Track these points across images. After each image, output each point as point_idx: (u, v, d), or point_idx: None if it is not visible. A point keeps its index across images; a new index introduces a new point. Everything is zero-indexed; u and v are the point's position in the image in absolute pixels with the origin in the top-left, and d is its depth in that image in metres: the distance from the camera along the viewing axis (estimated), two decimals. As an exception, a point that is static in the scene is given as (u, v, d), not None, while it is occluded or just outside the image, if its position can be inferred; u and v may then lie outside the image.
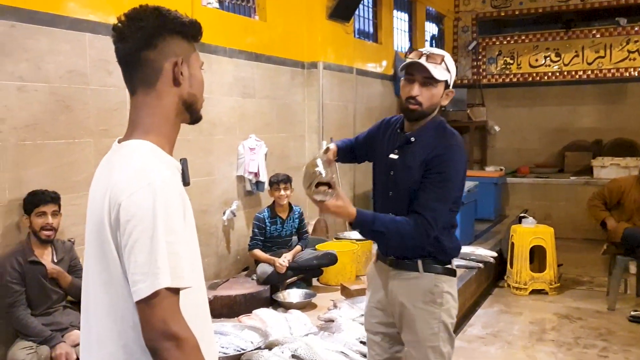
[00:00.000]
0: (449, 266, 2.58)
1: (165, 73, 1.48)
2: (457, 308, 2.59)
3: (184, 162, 1.53)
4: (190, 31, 1.53)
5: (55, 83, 3.86)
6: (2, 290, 3.47)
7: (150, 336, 1.31)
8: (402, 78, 2.51)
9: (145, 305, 1.31)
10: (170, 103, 1.50)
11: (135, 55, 1.48)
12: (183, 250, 1.36)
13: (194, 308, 1.44)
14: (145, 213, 1.32)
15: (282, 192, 5.19)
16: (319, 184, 2.26)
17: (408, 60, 2.43)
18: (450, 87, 2.50)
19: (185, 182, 1.52)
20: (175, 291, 1.33)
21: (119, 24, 1.49)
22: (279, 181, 5.21)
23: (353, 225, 2.40)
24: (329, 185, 2.26)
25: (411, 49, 2.52)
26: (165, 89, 1.49)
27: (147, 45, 1.47)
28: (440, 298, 2.50)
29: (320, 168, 2.28)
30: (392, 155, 2.55)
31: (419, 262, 2.52)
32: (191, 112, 1.57)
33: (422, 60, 2.40)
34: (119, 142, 1.51)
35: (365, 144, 2.82)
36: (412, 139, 2.49)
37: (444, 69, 2.42)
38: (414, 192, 2.42)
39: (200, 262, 1.54)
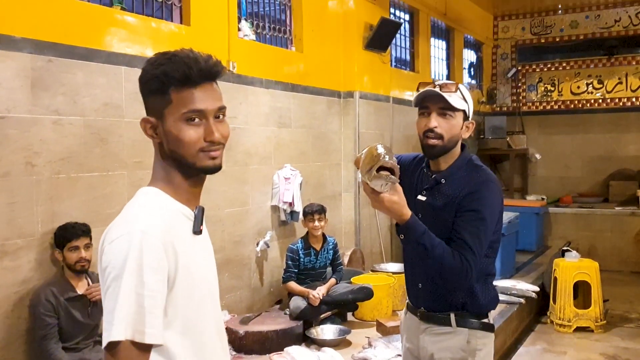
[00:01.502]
0: (485, 320, 2.33)
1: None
2: None
3: (198, 210, 1.44)
4: (160, 85, 1.40)
5: (90, 116, 3.88)
6: (36, 322, 3.45)
7: None
8: (418, 115, 2.33)
9: (108, 354, 1.30)
10: (163, 159, 1.48)
11: None
12: (152, 305, 1.31)
13: None
14: (118, 262, 1.31)
15: (317, 223, 5.11)
16: (380, 169, 1.98)
17: (420, 92, 2.26)
18: (470, 118, 2.31)
19: (195, 230, 1.44)
20: (141, 346, 1.29)
21: None
22: (313, 212, 5.14)
23: (401, 228, 2.13)
24: (391, 171, 1.99)
25: (422, 84, 2.27)
26: (155, 143, 1.49)
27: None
28: (472, 357, 2.27)
29: (383, 152, 2.01)
30: (420, 197, 2.36)
31: (452, 316, 2.29)
32: (185, 168, 1.45)
33: (437, 91, 2.24)
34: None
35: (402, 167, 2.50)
36: (443, 180, 2.30)
37: (460, 98, 2.25)
38: (443, 237, 2.17)
39: (212, 318, 1.50)
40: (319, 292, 4.89)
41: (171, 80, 1.40)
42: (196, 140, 1.42)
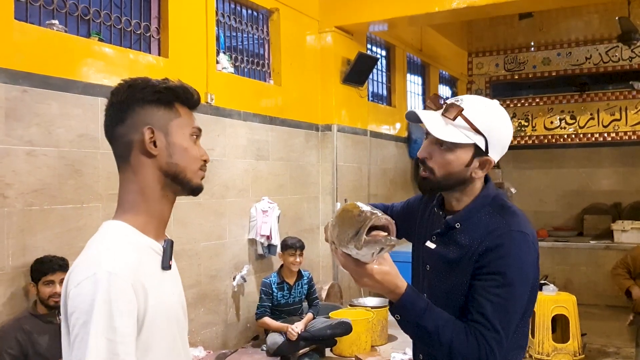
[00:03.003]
0: None
1: (136, 145, 1.38)
2: None
3: (167, 243, 1.37)
4: (167, 97, 1.40)
5: (65, 147, 3.82)
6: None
7: None
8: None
9: None
10: (147, 176, 1.39)
11: (110, 132, 1.42)
12: (124, 351, 1.23)
13: None
14: (85, 307, 1.23)
15: (297, 259, 5.06)
16: (371, 229, 1.48)
17: (410, 111, 1.77)
18: (489, 153, 1.72)
19: (164, 266, 1.38)
20: None
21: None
22: (296, 247, 5.08)
23: (395, 307, 1.63)
24: (384, 229, 1.50)
25: (434, 96, 1.73)
26: (139, 161, 1.38)
27: (117, 121, 1.39)
28: None
29: (369, 208, 1.53)
30: (429, 244, 1.83)
31: None
32: (180, 183, 1.42)
33: (428, 114, 1.73)
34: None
35: (402, 217, 2.03)
36: (457, 224, 1.76)
37: (467, 128, 1.68)
38: (455, 299, 1.71)
39: (183, 356, 1.44)
40: (296, 327, 4.81)
41: (178, 94, 1.41)
42: (198, 157, 1.44)
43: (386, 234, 1.50)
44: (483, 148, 1.70)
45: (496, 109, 1.74)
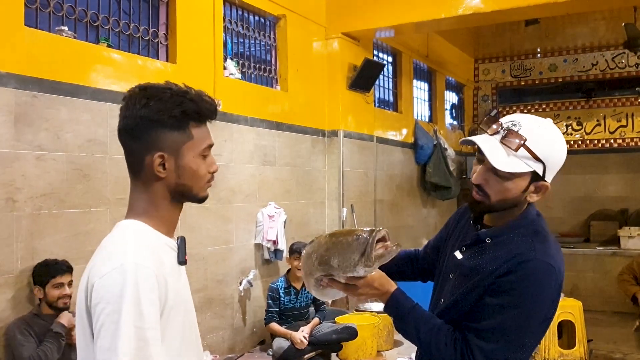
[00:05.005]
0: None
1: (147, 166, 1.42)
2: None
3: (180, 240, 1.44)
4: (182, 122, 1.42)
5: (73, 152, 3.86)
6: (15, 355, 3.33)
7: None
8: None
9: None
10: (157, 193, 1.44)
11: (124, 140, 1.45)
12: (153, 337, 1.28)
13: None
14: (113, 296, 1.27)
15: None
16: (378, 241, 1.59)
17: (466, 139, 1.73)
18: (547, 177, 1.68)
19: (180, 260, 1.44)
20: None
21: (122, 100, 1.44)
22: (299, 251, 5.10)
23: (385, 306, 1.74)
24: (383, 239, 1.61)
25: (490, 115, 1.61)
26: (150, 180, 1.43)
27: (130, 136, 1.42)
28: None
29: (359, 228, 1.63)
30: (457, 253, 1.79)
31: None
32: (188, 198, 1.48)
33: (486, 141, 1.66)
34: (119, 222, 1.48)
35: (436, 247, 2.01)
36: (488, 239, 1.72)
37: (527, 158, 1.62)
38: (462, 309, 1.70)
39: (197, 346, 1.48)
40: (303, 333, 4.83)
41: (193, 117, 1.43)
42: (206, 173, 1.48)
43: (388, 242, 1.58)
44: (541, 174, 1.66)
45: (553, 132, 1.69)
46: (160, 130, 1.40)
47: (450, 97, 10.58)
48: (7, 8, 3.53)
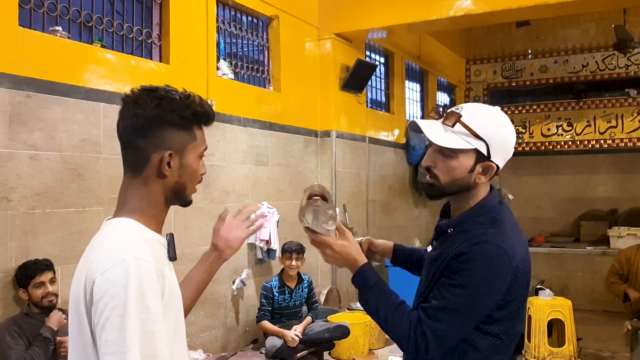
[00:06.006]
0: None
1: (152, 164, 1.45)
2: None
3: (169, 236, 1.48)
4: (190, 124, 1.48)
5: (67, 152, 3.88)
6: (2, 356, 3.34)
7: None
8: None
9: None
10: (155, 191, 1.48)
11: (127, 139, 1.47)
12: (159, 329, 1.31)
13: None
14: (117, 290, 1.29)
15: (294, 262, 5.10)
16: (310, 196, 1.77)
17: (411, 121, 1.78)
18: (492, 158, 1.73)
19: (170, 256, 1.47)
20: None
21: (124, 100, 1.47)
22: (292, 250, 5.13)
23: (352, 280, 1.80)
24: (323, 198, 1.76)
25: (437, 105, 1.76)
26: (151, 178, 1.47)
27: (139, 134, 1.45)
28: None
29: (315, 184, 1.82)
30: (428, 248, 1.92)
31: None
32: (179, 199, 1.53)
33: (429, 123, 1.75)
34: (108, 220, 1.50)
35: None
36: (449, 230, 1.79)
37: (466, 134, 1.69)
38: (426, 297, 1.74)
39: (184, 341, 1.50)
40: (295, 332, 4.86)
41: (200, 119, 1.50)
42: (199, 175, 1.55)
43: (318, 198, 1.75)
44: (485, 153, 1.71)
45: (496, 114, 1.76)
46: (170, 129, 1.45)
47: (442, 98, 10.64)
48: (0, 8, 3.55)
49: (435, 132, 1.71)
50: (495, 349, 1.72)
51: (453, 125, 1.70)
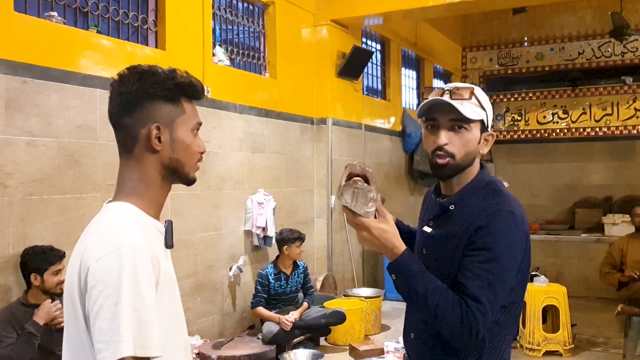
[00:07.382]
0: None
1: (141, 139, 1.43)
2: None
3: (168, 223, 1.46)
4: (175, 94, 1.45)
5: (64, 138, 3.87)
6: None
7: None
8: (423, 128, 1.87)
9: None
10: (150, 168, 1.45)
11: (115, 119, 1.46)
12: (152, 319, 1.30)
13: None
14: (111, 278, 1.27)
15: (300, 250, 5.15)
16: (350, 178, 1.65)
17: (426, 100, 1.80)
18: (489, 128, 1.82)
19: (168, 244, 1.46)
20: None
21: (111, 84, 1.46)
22: (296, 238, 5.14)
23: (390, 266, 1.71)
24: (365, 179, 1.66)
25: (427, 89, 1.76)
26: (143, 155, 1.45)
27: (125, 111, 1.43)
28: None
29: (357, 162, 1.71)
30: (425, 228, 1.88)
31: None
32: (178, 176, 1.49)
33: (446, 98, 1.75)
34: (107, 203, 1.48)
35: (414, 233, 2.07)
36: (451, 206, 1.80)
37: (476, 105, 1.76)
38: (446, 277, 1.72)
39: (183, 328, 1.50)
40: (291, 317, 4.89)
41: (186, 90, 1.46)
42: (197, 152, 1.49)
43: (359, 178, 1.63)
44: (487, 123, 1.80)
45: (481, 90, 1.83)
46: (155, 102, 1.42)
47: (438, 86, 10.63)
48: (-4, -7, 3.53)
49: (460, 106, 1.74)
50: (508, 321, 1.77)
51: (470, 98, 1.75)
